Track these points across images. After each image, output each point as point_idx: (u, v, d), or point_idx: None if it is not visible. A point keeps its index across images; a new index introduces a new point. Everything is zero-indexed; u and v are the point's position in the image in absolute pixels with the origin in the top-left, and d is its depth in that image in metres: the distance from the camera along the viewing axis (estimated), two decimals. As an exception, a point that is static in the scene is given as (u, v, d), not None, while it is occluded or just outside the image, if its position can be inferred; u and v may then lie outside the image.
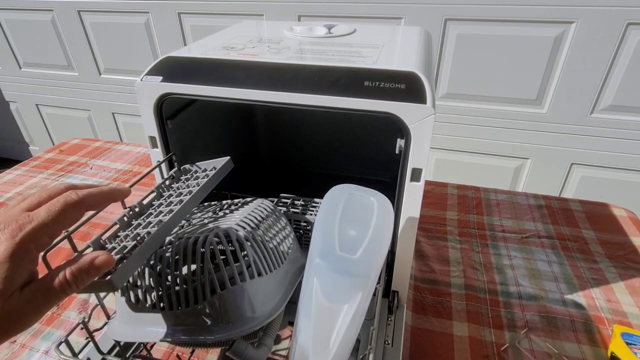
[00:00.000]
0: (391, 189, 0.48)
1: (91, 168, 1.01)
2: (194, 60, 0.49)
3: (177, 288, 0.38)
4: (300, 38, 0.58)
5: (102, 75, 1.72)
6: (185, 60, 0.49)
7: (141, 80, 0.48)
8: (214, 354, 0.54)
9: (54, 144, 1.82)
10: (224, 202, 0.53)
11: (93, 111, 1.85)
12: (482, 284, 0.66)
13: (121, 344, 0.46)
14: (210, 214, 0.50)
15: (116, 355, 0.45)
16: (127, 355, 0.47)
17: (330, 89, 0.42)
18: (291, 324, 0.51)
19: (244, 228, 0.42)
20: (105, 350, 0.45)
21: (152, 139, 0.52)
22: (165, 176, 0.51)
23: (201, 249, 0.38)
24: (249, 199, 0.52)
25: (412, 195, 0.46)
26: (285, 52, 0.50)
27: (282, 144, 0.89)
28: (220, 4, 1.40)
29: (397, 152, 0.46)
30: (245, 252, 0.40)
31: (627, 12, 1.08)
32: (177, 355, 0.53)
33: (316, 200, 0.60)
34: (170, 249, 0.40)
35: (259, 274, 0.40)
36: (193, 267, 0.38)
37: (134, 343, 0.48)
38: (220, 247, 0.39)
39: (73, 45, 1.67)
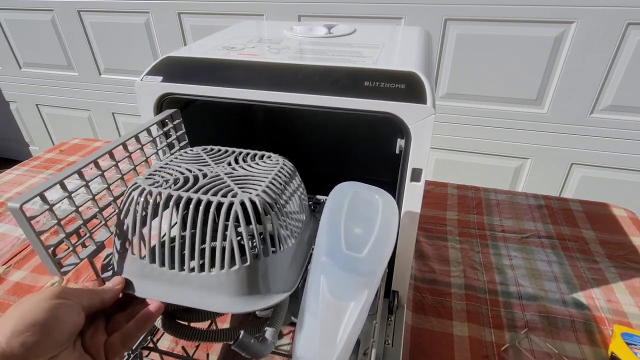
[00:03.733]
0: (391, 189, 0.48)
1: (91, 168, 1.01)
2: (194, 60, 0.49)
3: (195, 253, 0.35)
4: (301, 38, 0.58)
5: (102, 75, 1.72)
6: (185, 60, 0.49)
7: (141, 80, 0.48)
8: (214, 354, 0.54)
9: (54, 144, 1.82)
10: (237, 151, 0.48)
11: (93, 111, 1.85)
12: (482, 284, 0.66)
13: None
14: (226, 166, 0.44)
15: None
16: (134, 347, 0.47)
17: (330, 89, 0.42)
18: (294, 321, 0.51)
19: (270, 195, 0.38)
20: None
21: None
22: None
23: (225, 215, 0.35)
24: (265, 154, 0.48)
25: (412, 195, 0.46)
26: (286, 52, 0.50)
27: (281, 143, 0.89)
28: (220, 4, 1.40)
29: (397, 152, 0.46)
30: (269, 224, 0.37)
31: (627, 12, 1.08)
32: (183, 347, 0.53)
33: (317, 197, 0.60)
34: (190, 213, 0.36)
35: (279, 249, 0.38)
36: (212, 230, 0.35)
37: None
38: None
39: (73, 45, 1.67)
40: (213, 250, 0.35)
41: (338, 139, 0.83)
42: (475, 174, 1.45)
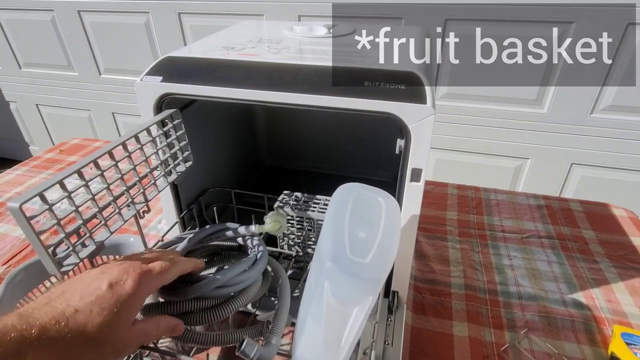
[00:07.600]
0: (391, 189, 0.48)
1: (91, 168, 1.01)
2: (194, 60, 0.49)
3: None
4: (300, 38, 0.58)
5: (102, 75, 1.72)
6: (185, 60, 0.49)
7: (141, 80, 0.48)
8: (214, 354, 0.54)
9: (54, 144, 1.81)
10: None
11: (93, 111, 1.85)
12: (482, 284, 0.66)
13: None
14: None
15: None
16: None
17: (330, 89, 0.42)
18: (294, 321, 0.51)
19: None
20: None
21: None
22: None
23: None
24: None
25: (412, 196, 0.46)
26: (285, 52, 0.50)
27: (282, 143, 0.89)
28: (220, 4, 1.40)
29: (397, 152, 0.46)
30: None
31: (627, 12, 1.08)
32: (183, 347, 0.53)
33: (318, 197, 0.60)
34: None
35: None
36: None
37: None
38: None
39: (73, 45, 1.67)
40: None
41: (338, 139, 0.83)
42: (475, 174, 1.45)
